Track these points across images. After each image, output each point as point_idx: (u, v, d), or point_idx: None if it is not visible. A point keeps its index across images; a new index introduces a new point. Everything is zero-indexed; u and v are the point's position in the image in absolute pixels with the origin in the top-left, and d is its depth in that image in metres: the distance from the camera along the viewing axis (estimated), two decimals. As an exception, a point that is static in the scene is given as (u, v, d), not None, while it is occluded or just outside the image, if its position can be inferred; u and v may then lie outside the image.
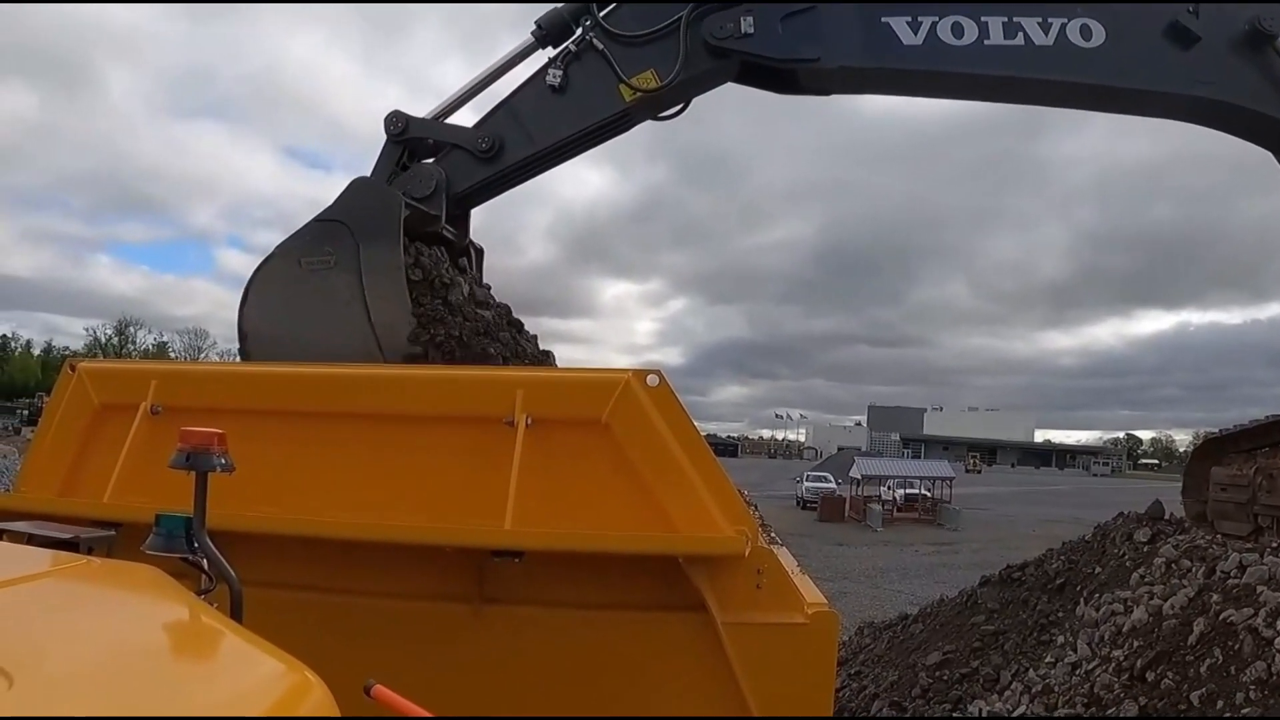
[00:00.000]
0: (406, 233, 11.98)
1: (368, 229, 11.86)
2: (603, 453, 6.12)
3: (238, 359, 12.62)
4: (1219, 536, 18.29)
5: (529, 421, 6.08)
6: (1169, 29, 13.25)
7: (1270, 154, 16.52)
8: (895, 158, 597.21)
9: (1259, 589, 12.91)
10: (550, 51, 13.02)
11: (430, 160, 13.21)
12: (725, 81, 13.35)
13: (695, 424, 6.47)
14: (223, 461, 3.99)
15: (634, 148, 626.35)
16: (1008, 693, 15.24)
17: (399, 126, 13.01)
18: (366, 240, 11.77)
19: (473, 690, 6.08)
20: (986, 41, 13.01)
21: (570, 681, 6.19)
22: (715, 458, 6.38)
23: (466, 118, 13.32)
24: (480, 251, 14.34)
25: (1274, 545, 15.44)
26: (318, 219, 12.14)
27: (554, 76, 12.81)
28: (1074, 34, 13.12)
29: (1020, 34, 13.02)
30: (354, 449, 6.43)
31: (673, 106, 13.28)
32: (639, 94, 12.60)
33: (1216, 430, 22.86)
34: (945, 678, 17.01)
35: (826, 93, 13.94)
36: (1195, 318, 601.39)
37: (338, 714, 2.76)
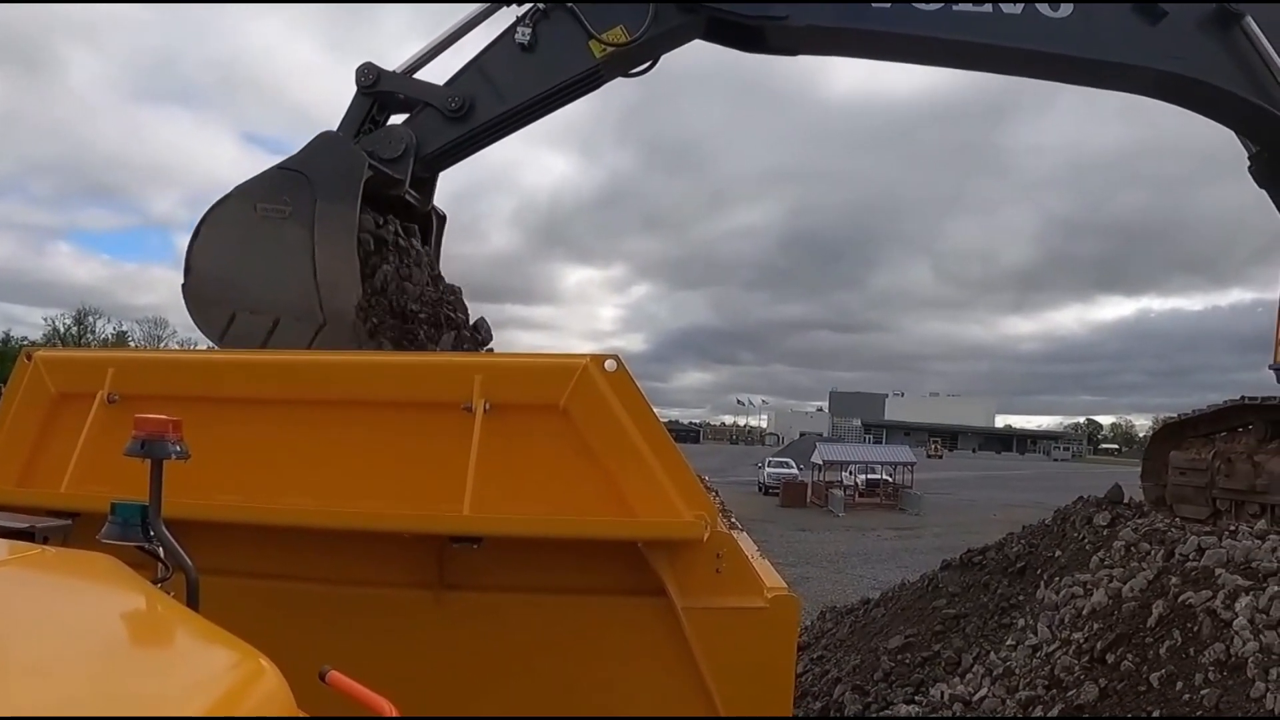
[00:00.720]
0: (368, 194, 12.02)
1: (328, 185, 11.90)
2: (561, 438, 6.11)
3: (197, 346, 12.64)
4: (1178, 520, 18.47)
5: (487, 407, 6.06)
6: (1137, 4, 13.34)
7: (1234, 134, 16.71)
8: (862, 144, 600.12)
9: (1217, 571, 13.00)
10: (517, 10, 13.01)
11: (401, 121, 13.17)
12: (693, 38, 13.44)
13: (655, 409, 6.46)
14: (178, 449, 3.98)
15: (600, 133, 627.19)
16: (969, 675, 15.30)
17: (370, 78, 12.89)
18: (325, 196, 11.82)
19: (433, 676, 6.07)
20: (955, 7, 13.10)
21: (530, 666, 6.19)
22: (674, 443, 6.38)
23: (436, 79, 13.29)
24: (442, 219, 14.31)
25: (1232, 528, 15.59)
26: (280, 166, 12.25)
27: (523, 35, 12.75)
28: (1042, 4, 13.19)
29: (989, 2, 13.10)
30: (312, 435, 6.41)
31: (642, 64, 13.33)
32: (609, 50, 12.62)
33: (1176, 415, 23.01)
34: (907, 661, 17.07)
35: (794, 53, 14.01)
36: (1157, 304, 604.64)
37: (292, 700, 2.76)
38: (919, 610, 19.11)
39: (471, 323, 13.76)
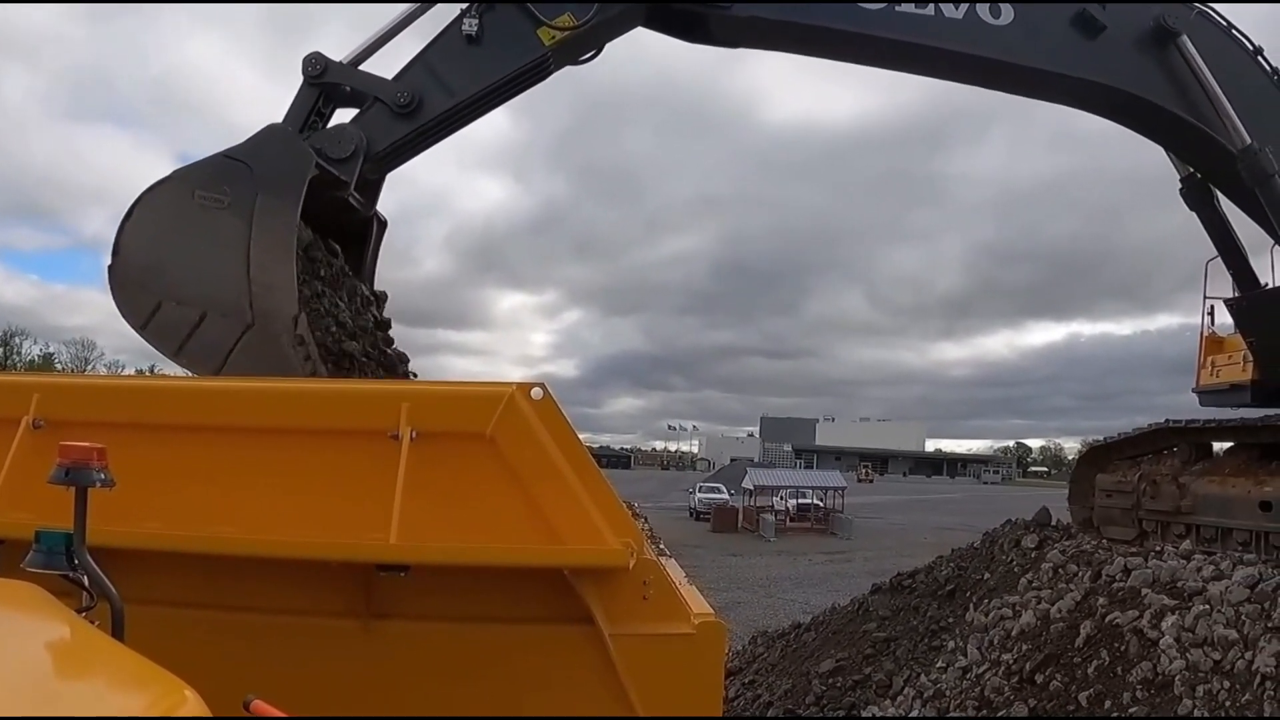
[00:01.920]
0: (311, 193, 11.68)
1: (271, 179, 11.56)
2: (488, 466, 6.11)
3: (125, 370, 12.34)
4: (1104, 541, 18.69)
5: (414, 435, 6.06)
6: (1076, 17, 13.83)
7: (1161, 162, 16.98)
8: (797, 172, 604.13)
9: (1144, 591, 13.17)
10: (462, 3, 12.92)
11: (350, 121, 12.92)
12: (637, 24, 13.52)
13: (587, 435, 6.50)
14: (102, 477, 3.97)
15: (534, 158, 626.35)
16: (900, 698, 15.43)
17: (317, 69, 12.69)
18: (266, 190, 11.48)
19: (360, 705, 6.07)
20: (898, 8, 13.38)
21: (459, 694, 6.18)
22: (600, 470, 6.40)
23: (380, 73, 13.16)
24: (384, 225, 14.12)
25: (1158, 549, 15.77)
26: (224, 154, 11.83)
27: (470, 26, 12.70)
28: (983, 10, 13.59)
29: (931, 4, 13.38)
30: (239, 463, 6.37)
31: (588, 51, 13.38)
32: (559, 36, 12.67)
33: (1103, 439, 23.25)
34: (839, 684, 17.17)
35: (736, 44, 14.16)
36: (1086, 329, 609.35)
37: None
38: (850, 634, 19.22)
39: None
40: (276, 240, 11.31)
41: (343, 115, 13.19)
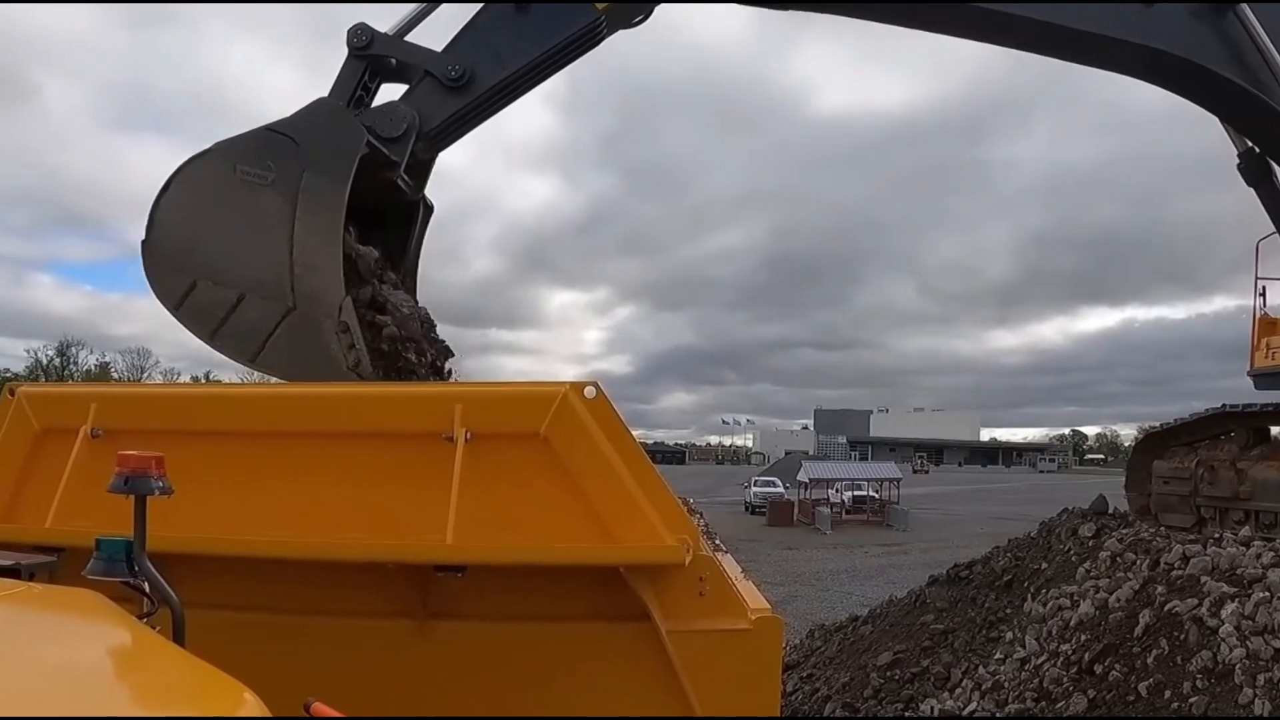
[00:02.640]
0: (358, 172, 11.05)
1: (318, 156, 11.03)
2: (542, 465, 6.12)
3: (180, 378, 12.07)
4: (1162, 529, 18.53)
5: (468, 436, 6.08)
6: None
7: (1211, 143, 16.79)
8: (842, 163, 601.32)
9: (1202, 579, 13.04)
10: None
11: (400, 98, 12.30)
12: None
13: (640, 431, 6.51)
14: (160, 485, 4.00)
15: (582, 156, 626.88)
16: (958, 690, 15.32)
17: (364, 40, 12.14)
18: (313, 167, 10.94)
19: (418, 705, 6.10)
20: None
21: (515, 693, 6.20)
22: (654, 467, 6.39)
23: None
24: (430, 210, 13.56)
25: (1216, 536, 15.60)
26: (268, 128, 11.30)
27: None
28: None
29: None
30: (295, 467, 6.40)
31: (639, 14, 13.22)
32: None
33: (1159, 425, 23.05)
34: (896, 677, 17.07)
35: (784, 6, 13.95)
36: (1140, 314, 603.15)
37: None
38: (907, 626, 19.11)
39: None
40: (322, 221, 10.76)
41: (387, 92, 12.68)
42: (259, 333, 10.91)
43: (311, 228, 10.72)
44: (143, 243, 11.07)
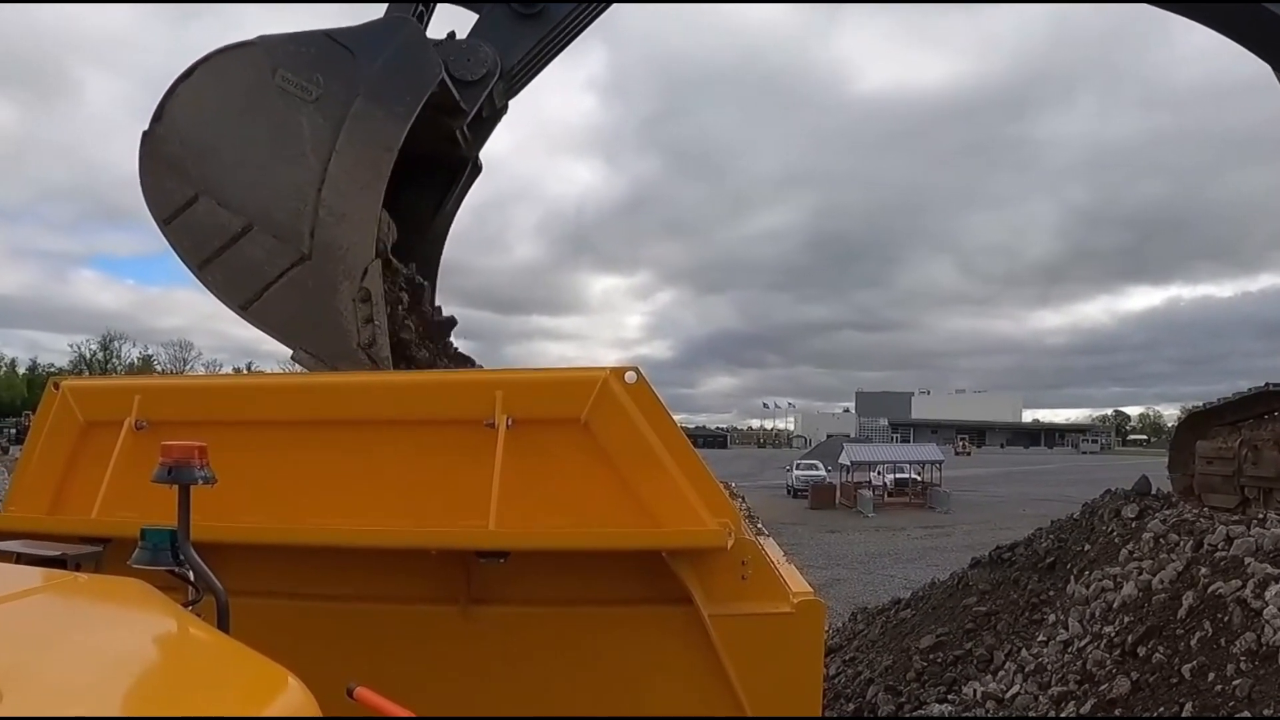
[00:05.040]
0: (419, 115, 9.69)
1: (380, 80, 9.58)
2: (583, 451, 6.13)
3: (223, 369, 11.43)
4: (1206, 509, 18.41)
5: (509, 423, 6.09)
6: None
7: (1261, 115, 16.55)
8: (883, 143, 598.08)
9: (1246, 561, 13.00)
10: None
11: (469, 34, 10.80)
12: None
13: (679, 418, 6.51)
14: (204, 474, 4.02)
15: (623, 141, 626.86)
16: (1001, 673, 15.32)
17: None
18: (371, 94, 9.51)
19: (461, 690, 6.13)
20: None
21: (559, 678, 6.22)
22: (696, 451, 6.40)
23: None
24: (479, 170, 12.20)
25: (1260, 516, 15.53)
26: (326, 33, 9.79)
27: None
28: None
29: None
30: (337, 456, 6.43)
31: None
32: None
33: (1202, 404, 22.91)
34: (939, 660, 17.08)
35: None
36: (1186, 292, 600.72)
37: (321, 718, 2.81)
38: (950, 609, 19.12)
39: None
40: (366, 159, 9.36)
41: (444, 18, 11.26)
42: (259, 276, 9.61)
43: (351, 164, 9.39)
44: (145, 133, 9.76)
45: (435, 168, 11.57)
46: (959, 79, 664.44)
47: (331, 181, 9.30)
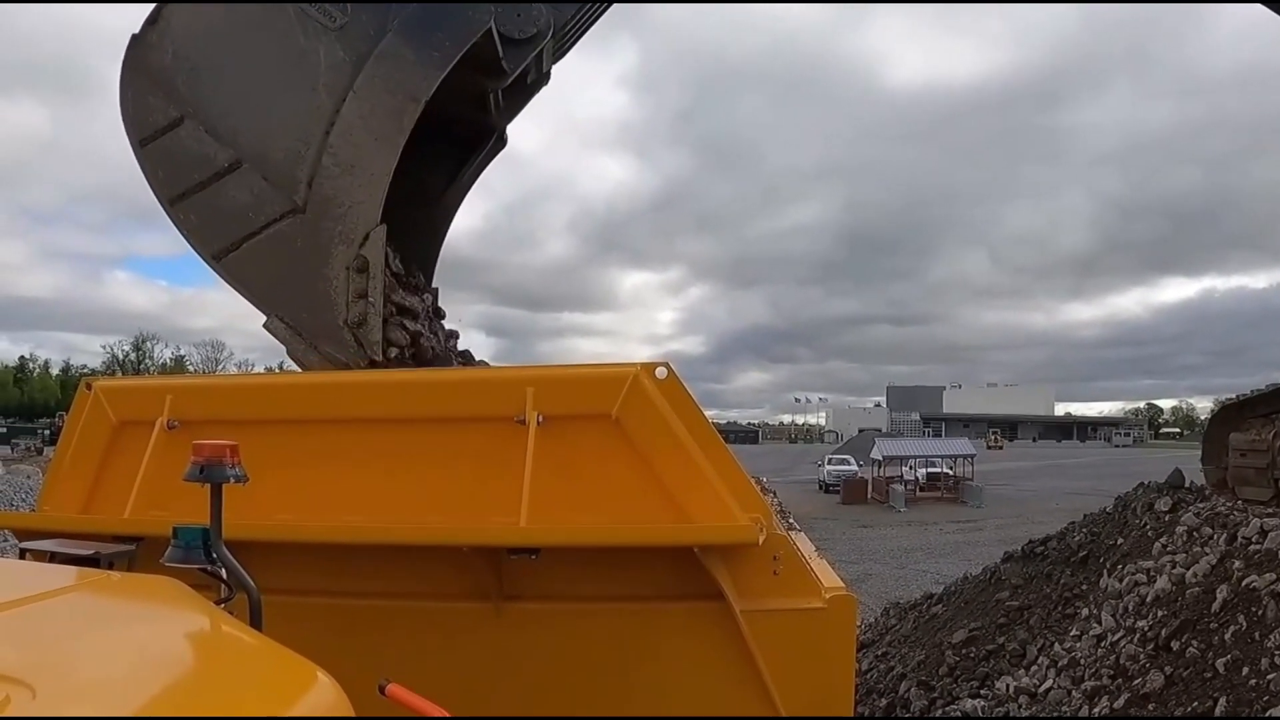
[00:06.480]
0: (453, 70, 8.38)
1: (417, 20, 8.35)
2: (614, 447, 6.13)
3: (255, 369, 10.28)
4: (1240, 502, 18.29)
5: (540, 419, 6.10)
6: None
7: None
8: (918, 136, 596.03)
9: (1280, 554, 12.94)
10: None
11: None
12: None
13: (710, 414, 6.48)
14: (236, 473, 4.02)
15: (654, 136, 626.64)
16: (1034, 667, 15.29)
17: None
18: (404, 32, 8.31)
19: (494, 686, 6.14)
20: None
21: (591, 674, 6.22)
22: (727, 447, 6.38)
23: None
24: (504, 143, 10.93)
25: (1294, 509, 15.44)
26: None
27: None
28: None
29: None
30: (368, 453, 6.44)
31: None
32: None
33: (1235, 396, 22.78)
34: (972, 655, 17.04)
35: None
36: (1220, 283, 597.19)
37: (352, 715, 2.81)
38: (982, 603, 19.07)
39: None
40: (388, 107, 8.23)
41: None
42: (240, 223, 8.50)
43: (369, 110, 8.28)
44: (133, 37, 8.58)
45: (454, 133, 10.33)
46: (991, 69, 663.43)
47: (343, 126, 8.24)
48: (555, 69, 10.61)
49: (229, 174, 8.40)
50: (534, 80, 10.20)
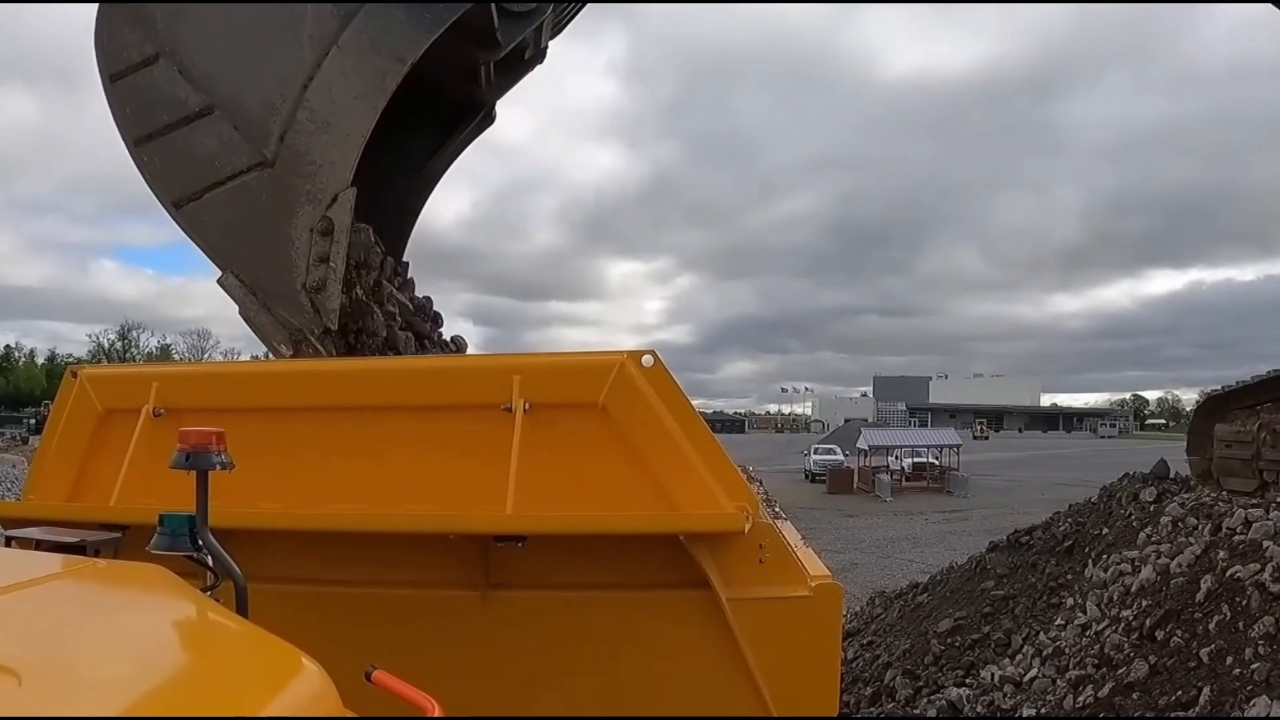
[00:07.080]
0: (439, 40, 8.17)
1: None
2: (601, 435, 6.13)
3: (240, 357, 10.28)
4: (1224, 493, 18.39)
5: (526, 407, 6.10)
6: None
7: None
8: (911, 129, 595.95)
9: (1265, 544, 13.00)
10: None
11: None
12: None
13: (697, 403, 6.49)
14: (222, 460, 4.02)
15: (645, 126, 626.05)
16: (1019, 656, 15.35)
17: None
18: None
19: (480, 674, 6.14)
20: None
21: (577, 661, 6.23)
22: (713, 435, 6.39)
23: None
24: (491, 120, 10.71)
25: (1279, 500, 15.49)
26: None
27: None
28: None
29: None
30: (354, 441, 6.44)
31: None
32: None
33: (1221, 388, 22.86)
34: (957, 644, 17.10)
35: None
36: (1208, 275, 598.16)
37: (339, 700, 2.82)
38: (968, 593, 19.15)
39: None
40: (370, 67, 7.96)
41: None
42: (205, 171, 8.30)
43: (351, 67, 8.01)
44: None
45: (441, 103, 10.12)
46: (985, 62, 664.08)
47: (322, 80, 7.98)
48: (547, 57, 10.52)
49: (199, 119, 8.24)
50: (530, 56, 10.08)
